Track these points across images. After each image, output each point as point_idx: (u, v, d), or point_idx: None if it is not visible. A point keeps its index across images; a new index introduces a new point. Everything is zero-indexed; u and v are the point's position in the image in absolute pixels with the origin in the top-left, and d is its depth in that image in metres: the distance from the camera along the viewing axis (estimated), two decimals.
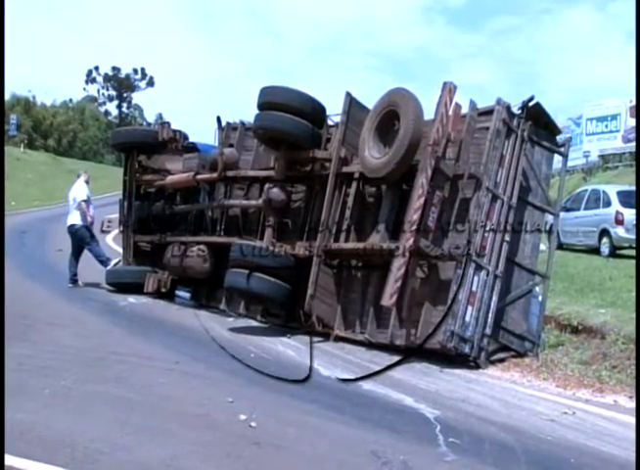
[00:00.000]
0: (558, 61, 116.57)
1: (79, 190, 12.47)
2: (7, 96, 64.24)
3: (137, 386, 6.43)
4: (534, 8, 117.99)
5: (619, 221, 16.69)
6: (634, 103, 38.05)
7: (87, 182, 12.81)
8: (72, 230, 12.24)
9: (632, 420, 6.26)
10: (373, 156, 8.52)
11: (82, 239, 12.17)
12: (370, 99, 9.11)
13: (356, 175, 9.08)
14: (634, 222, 16.75)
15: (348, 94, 9.23)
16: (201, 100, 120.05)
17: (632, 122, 37.95)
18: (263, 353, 7.99)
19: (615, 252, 16.53)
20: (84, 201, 12.23)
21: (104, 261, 12.27)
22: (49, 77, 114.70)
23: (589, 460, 5.19)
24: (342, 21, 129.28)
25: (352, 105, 9.22)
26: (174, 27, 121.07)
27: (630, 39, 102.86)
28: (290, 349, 8.27)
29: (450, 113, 7.97)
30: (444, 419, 5.75)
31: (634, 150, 36.76)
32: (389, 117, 8.46)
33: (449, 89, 7.94)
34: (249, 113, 10.32)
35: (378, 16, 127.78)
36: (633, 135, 37.78)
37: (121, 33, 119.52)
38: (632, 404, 6.75)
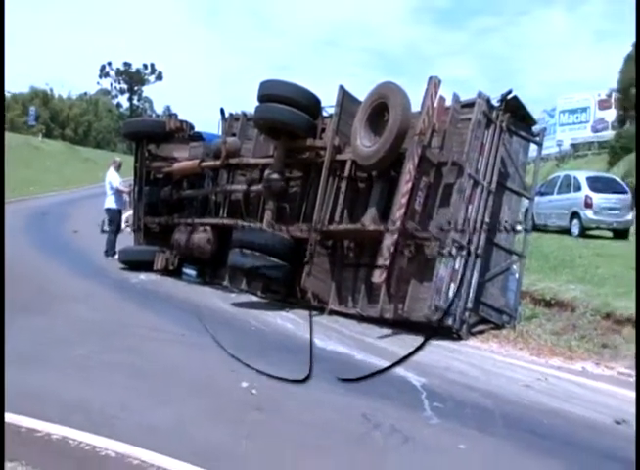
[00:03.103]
0: (534, 57, 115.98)
1: (114, 177, 12.87)
2: (26, 89, 63.77)
3: (147, 356, 6.42)
4: (512, 9, 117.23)
5: (589, 205, 16.76)
6: (602, 97, 38.29)
7: (118, 168, 13.18)
8: (107, 211, 12.69)
9: (599, 385, 6.34)
10: (364, 144, 8.47)
11: (111, 220, 12.57)
12: (361, 92, 9.05)
13: (349, 163, 9.00)
14: (602, 205, 16.82)
15: (342, 88, 9.17)
16: (206, 93, 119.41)
17: (601, 114, 38.27)
18: (263, 326, 7.97)
19: (584, 232, 16.62)
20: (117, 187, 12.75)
21: (107, 251, 12.30)
22: (66, 72, 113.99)
23: (561, 422, 5.22)
24: (336, 19, 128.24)
25: (345, 97, 9.15)
26: (181, 26, 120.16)
27: (599, 38, 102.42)
28: (288, 322, 8.25)
29: (435, 105, 7.93)
30: (429, 386, 5.76)
31: (602, 139, 36.99)
32: (379, 108, 8.40)
33: (434, 83, 7.88)
34: (250, 104, 10.23)
35: (370, 15, 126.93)
36: (602, 126, 38.03)
37: (132, 32, 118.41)
38: (599, 371, 6.81)
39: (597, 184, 17.41)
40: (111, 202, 12.72)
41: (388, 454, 4.41)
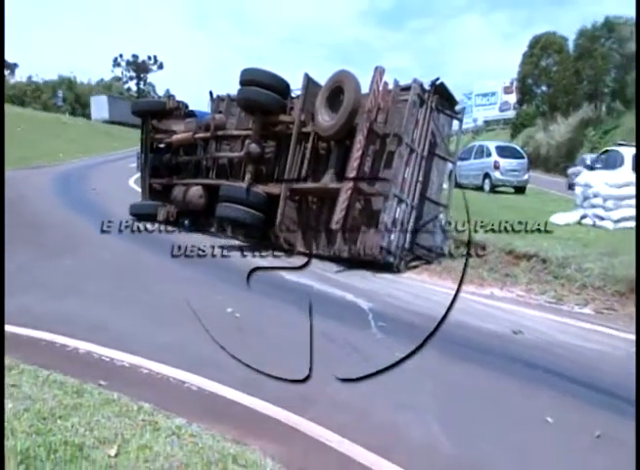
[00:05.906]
0: (457, 52, 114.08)
1: None
2: (54, 77, 61.11)
3: (155, 290, 6.27)
4: (441, 14, 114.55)
5: (497, 167, 16.91)
6: (507, 84, 38.42)
7: None
8: None
9: (502, 305, 6.39)
10: (324, 120, 8.29)
11: None
12: (322, 78, 8.83)
13: (312, 134, 8.80)
14: (507, 168, 16.96)
15: (306, 74, 8.93)
16: (197, 79, 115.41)
17: (505, 98, 38.68)
18: (244, 264, 7.83)
19: (493, 189, 16.79)
20: None
21: None
22: (86, 62, 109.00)
23: (473, 334, 5.29)
24: (299, 21, 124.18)
25: (309, 82, 8.90)
26: (178, 26, 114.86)
27: (505, 39, 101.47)
28: (264, 261, 8.12)
29: (380, 88, 7.80)
30: (375, 309, 5.76)
31: (507, 117, 37.27)
32: (336, 91, 8.20)
33: (379, 72, 7.74)
34: (233, 88, 9.91)
35: (326, 17, 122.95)
36: (506, 107, 38.34)
37: (139, 31, 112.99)
38: (503, 294, 6.88)
39: (503, 151, 17.55)
40: None
41: (340, 362, 4.41)
